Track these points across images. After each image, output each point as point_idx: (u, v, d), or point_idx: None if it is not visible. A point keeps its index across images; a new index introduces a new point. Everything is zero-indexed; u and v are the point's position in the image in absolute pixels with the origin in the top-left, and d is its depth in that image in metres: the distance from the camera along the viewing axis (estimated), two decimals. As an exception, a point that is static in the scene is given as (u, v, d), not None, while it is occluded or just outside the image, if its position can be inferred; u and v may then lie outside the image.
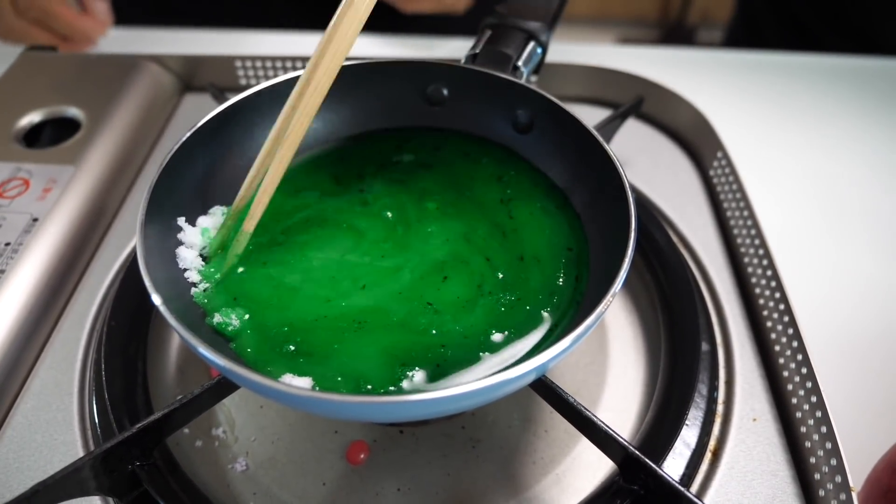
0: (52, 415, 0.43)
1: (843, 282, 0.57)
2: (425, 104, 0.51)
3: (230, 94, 0.48)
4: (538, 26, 0.51)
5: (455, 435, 0.43)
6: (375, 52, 0.80)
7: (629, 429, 0.44)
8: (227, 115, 0.44)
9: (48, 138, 0.60)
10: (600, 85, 0.68)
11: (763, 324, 0.48)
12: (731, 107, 0.74)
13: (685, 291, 0.48)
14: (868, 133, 0.72)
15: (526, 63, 0.50)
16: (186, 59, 0.69)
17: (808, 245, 0.59)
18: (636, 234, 0.36)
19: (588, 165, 0.44)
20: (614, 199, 0.39)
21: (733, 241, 0.54)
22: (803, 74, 0.80)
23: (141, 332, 0.47)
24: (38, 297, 0.48)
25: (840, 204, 0.64)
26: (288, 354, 0.36)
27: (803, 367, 0.42)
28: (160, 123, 0.66)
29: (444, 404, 0.31)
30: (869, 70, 0.81)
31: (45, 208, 0.52)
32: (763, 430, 0.43)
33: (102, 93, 0.63)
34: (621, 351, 0.49)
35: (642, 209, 0.54)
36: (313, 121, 0.49)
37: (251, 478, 0.41)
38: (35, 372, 0.45)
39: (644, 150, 0.64)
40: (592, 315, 0.32)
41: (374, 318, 0.38)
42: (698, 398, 0.43)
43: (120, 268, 0.52)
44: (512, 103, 0.48)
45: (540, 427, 0.44)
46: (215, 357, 0.30)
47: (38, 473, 0.40)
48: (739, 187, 0.54)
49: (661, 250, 0.51)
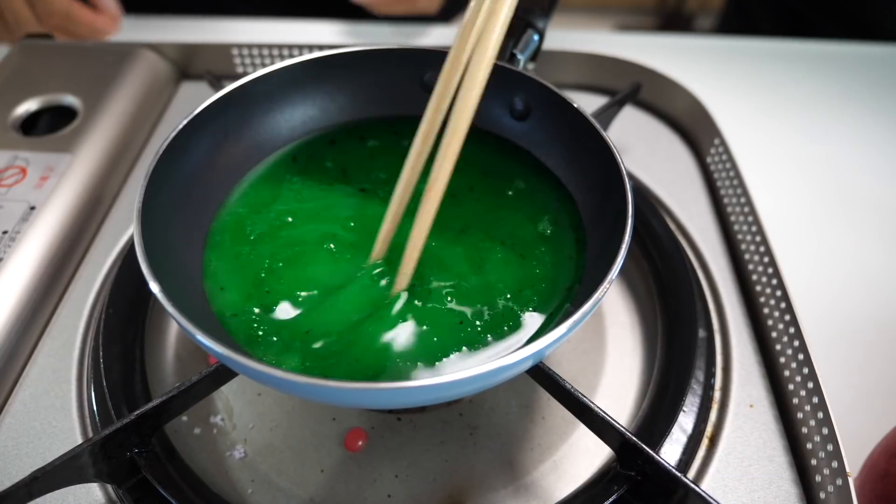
0: (51, 402, 0.43)
1: (840, 268, 0.57)
2: (423, 92, 0.50)
3: (227, 81, 0.48)
4: (535, 14, 0.50)
5: (453, 422, 0.43)
6: (371, 40, 0.80)
7: (626, 415, 0.44)
8: (224, 103, 0.44)
9: (45, 126, 0.60)
10: (598, 72, 0.67)
11: (760, 310, 0.48)
12: (728, 94, 0.74)
13: (682, 278, 0.48)
14: (863, 119, 0.72)
15: (523, 50, 0.49)
16: (183, 46, 0.69)
17: (806, 231, 0.60)
18: (633, 221, 0.36)
19: (585, 153, 0.44)
20: (611, 186, 0.39)
21: (731, 227, 0.54)
22: (799, 61, 0.80)
23: (139, 319, 0.47)
24: (35, 285, 0.48)
25: (837, 190, 0.64)
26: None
27: (800, 353, 0.43)
28: (157, 111, 0.66)
29: (441, 391, 0.31)
30: (863, 56, 0.80)
31: (43, 196, 0.52)
32: (760, 417, 0.43)
33: (99, 81, 0.63)
34: (619, 338, 0.49)
35: (640, 196, 0.54)
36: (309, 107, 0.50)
37: (249, 465, 0.41)
38: (33, 359, 0.46)
39: (642, 137, 0.64)
40: (589, 302, 0.32)
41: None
42: (695, 385, 0.43)
43: (118, 256, 0.52)
44: (509, 91, 0.47)
45: (537, 414, 0.44)
46: (213, 344, 0.30)
47: (36, 460, 0.40)
48: (737, 174, 0.54)
49: (659, 237, 0.51)
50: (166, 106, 0.67)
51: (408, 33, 0.82)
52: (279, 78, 0.47)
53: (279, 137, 0.49)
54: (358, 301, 0.39)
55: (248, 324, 0.38)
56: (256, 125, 0.48)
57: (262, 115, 0.48)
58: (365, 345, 0.37)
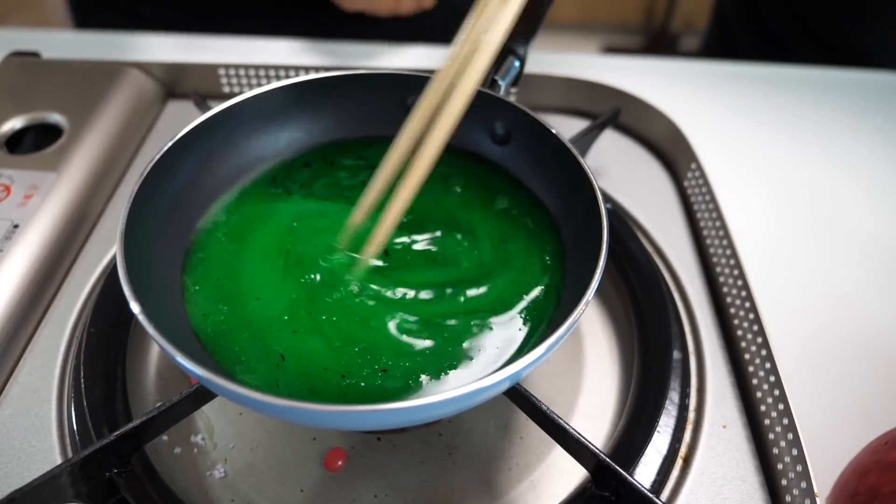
0: (31, 421, 0.43)
1: (813, 291, 0.58)
2: (406, 115, 0.51)
3: (213, 101, 0.48)
4: (516, 41, 0.51)
5: (432, 442, 0.44)
6: (356, 62, 0.81)
7: (603, 435, 0.45)
8: (209, 124, 0.45)
9: (30, 144, 0.60)
10: (578, 96, 0.69)
11: (734, 332, 0.49)
12: (705, 118, 0.75)
13: (658, 300, 0.49)
14: (839, 143, 0.73)
15: (503, 76, 0.50)
16: (170, 66, 0.69)
17: (779, 254, 0.61)
18: (608, 244, 0.37)
19: (563, 176, 0.45)
20: (589, 209, 0.40)
21: (706, 250, 0.55)
22: (779, 85, 0.81)
23: (121, 339, 0.47)
24: (17, 303, 0.48)
25: (811, 214, 0.65)
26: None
27: (772, 374, 0.44)
28: (143, 130, 0.66)
29: (419, 412, 0.31)
30: (842, 81, 0.82)
31: (27, 215, 0.52)
32: (732, 437, 0.44)
33: (86, 99, 0.63)
34: (596, 359, 0.50)
35: (617, 219, 0.55)
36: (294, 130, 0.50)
37: (230, 484, 0.41)
38: (14, 378, 0.46)
39: (621, 160, 0.65)
40: (565, 324, 0.33)
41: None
42: (670, 405, 0.44)
43: (100, 275, 0.52)
44: (489, 116, 0.48)
45: (515, 434, 0.45)
46: (193, 367, 0.31)
47: (15, 480, 0.40)
48: (712, 198, 0.55)
49: (636, 260, 0.52)
50: (152, 125, 0.68)
51: (391, 54, 0.83)
52: (265, 100, 0.48)
53: (263, 158, 0.49)
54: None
55: (228, 344, 0.38)
56: (242, 146, 0.48)
57: (246, 137, 0.49)
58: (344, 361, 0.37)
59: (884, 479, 0.38)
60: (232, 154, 0.48)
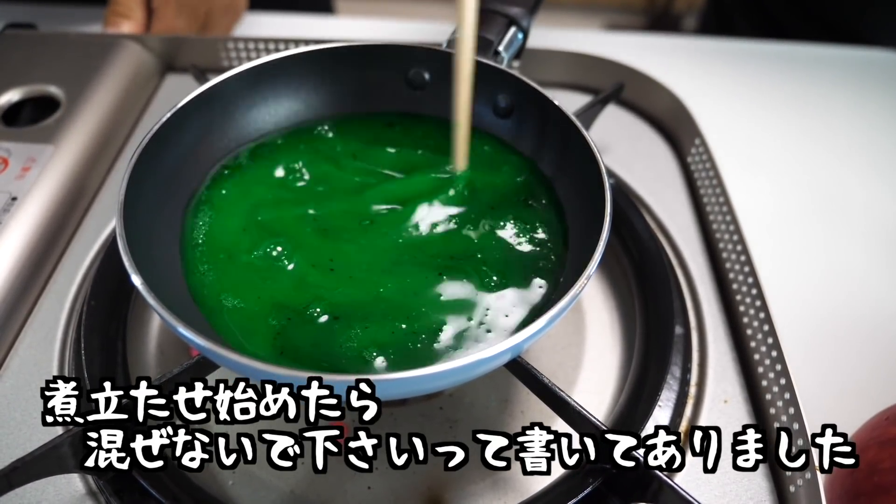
0: (32, 393, 0.43)
1: (815, 266, 0.58)
2: (407, 88, 0.51)
3: (211, 74, 0.48)
4: (519, 11, 0.51)
5: (433, 415, 0.44)
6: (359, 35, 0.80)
7: (604, 410, 0.45)
8: (207, 96, 0.44)
9: (28, 117, 0.60)
10: (581, 71, 0.68)
11: (736, 308, 0.49)
12: (709, 94, 0.74)
13: (661, 275, 0.48)
14: (841, 121, 0.73)
15: (507, 48, 0.50)
16: (168, 39, 0.69)
17: (782, 230, 0.61)
18: (611, 218, 0.37)
19: (567, 150, 0.44)
20: (592, 184, 0.40)
21: (709, 226, 0.55)
22: (778, 62, 0.81)
23: (121, 311, 0.47)
24: (16, 276, 0.48)
25: (813, 190, 0.65)
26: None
27: (773, 350, 0.43)
28: (141, 103, 0.66)
29: (420, 383, 0.31)
30: (840, 59, 0.82)
31: (25, 187, 0.52)
32: (734, 412, 0.44)
33: (83, 72, 0.62)
34: (598, 333, 0.49)
35: (620, 194, 0.55)
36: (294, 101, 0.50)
37: (231, 456, 0.41)
38: (14, 351, 0.46)
39: (624, 136, 0.64)
40: (567, 297, 0.33)
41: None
42: (671, 380, 0.44)
43: (100, 248, 0.52)
44: (492, 88, 0.48)
45: (517, 408, 0.45)
46: (195, 336, 0.31)
47: (17, 451, 0.40)
48: (716, 174, 0.55)
49: (639, 235, 0.51)
50: (150, 98, 0.67)
51: (393, 30, 0.82)
52: (265, 71, 0.47)
53: (263, 130, 0.49)
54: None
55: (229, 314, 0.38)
56: (241, 118, 0.48)
57: (246, 109, 0.48)
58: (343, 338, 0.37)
59: (883, 455, 0.39)
60: (231, 125, 0.47)
